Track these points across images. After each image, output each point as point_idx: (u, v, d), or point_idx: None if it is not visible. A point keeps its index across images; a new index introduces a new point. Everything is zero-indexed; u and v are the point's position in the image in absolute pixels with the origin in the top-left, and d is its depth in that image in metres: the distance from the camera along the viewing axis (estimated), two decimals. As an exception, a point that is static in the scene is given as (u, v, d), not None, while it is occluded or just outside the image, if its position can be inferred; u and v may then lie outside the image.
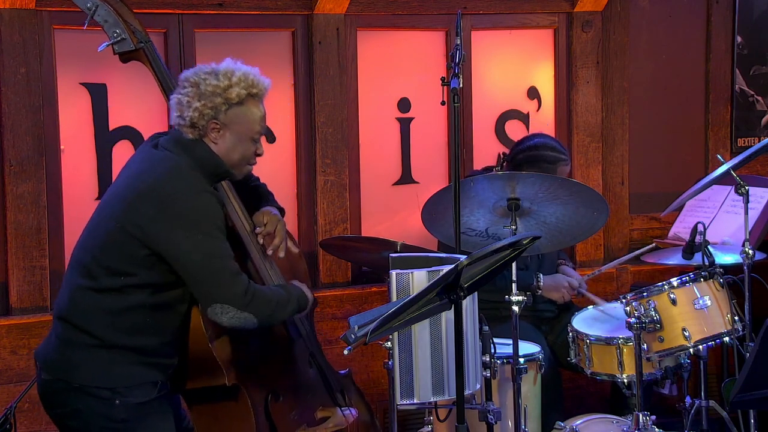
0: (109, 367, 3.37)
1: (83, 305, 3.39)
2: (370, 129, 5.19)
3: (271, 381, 3.66)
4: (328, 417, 3.79)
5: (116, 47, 3.69)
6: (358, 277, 5.14)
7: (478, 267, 2.91)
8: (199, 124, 3.42)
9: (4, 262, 4.52)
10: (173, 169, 3.38)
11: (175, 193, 3.33)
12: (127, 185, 3.42)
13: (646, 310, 4.00)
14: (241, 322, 3.37)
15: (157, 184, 3.35)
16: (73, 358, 3.39)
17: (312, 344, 3.89)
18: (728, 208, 5.18)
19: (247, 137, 3.47)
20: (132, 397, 3.37)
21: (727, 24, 5.75)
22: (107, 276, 3.36)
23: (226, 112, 3.42)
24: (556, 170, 4.64)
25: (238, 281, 3.37)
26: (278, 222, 3.68)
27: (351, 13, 5.03)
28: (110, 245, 3.37)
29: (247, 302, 3.35)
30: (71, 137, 4.65)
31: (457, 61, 3.49)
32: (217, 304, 3.33)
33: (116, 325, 3.37)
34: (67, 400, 3.39)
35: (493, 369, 3.74)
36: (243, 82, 3.43)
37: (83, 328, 3.38)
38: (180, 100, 3.44)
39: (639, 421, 3.96)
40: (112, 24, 3.67)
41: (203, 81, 3.42)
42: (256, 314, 3.38)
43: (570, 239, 4.13)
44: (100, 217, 3.46)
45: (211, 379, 3.52)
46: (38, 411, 4.47)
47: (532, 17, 5.42)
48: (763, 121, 5.88)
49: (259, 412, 3.58)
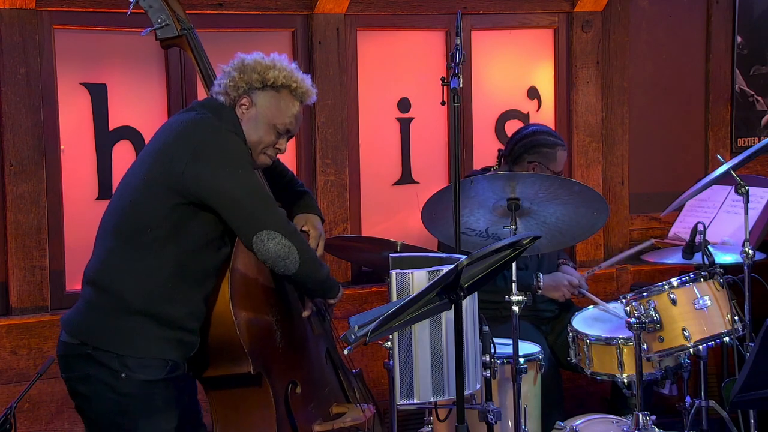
0: (126, 334, 3.37)
1: (113, 266, 3.41)
2: (370, 129, 5.19)
3: (293, 371, 3.67)
4: (344, 413, 3.80)
5: (159, 33, 3.71)
6: (358, 277, 5.14)
7: (478, 267, 2.91)
8: (232, 95, 3.49)
9: (4, 262, 4.52)
10: (200, 120, 3.44)
11: (206, 136, 3.38)
12: (156, 142, 3.48)
13: (646, 310, 4.00)
14: (285, 251, 3.38)
15: (185, 131, 3.41)
16: (93, 320, 3.40)
17: (329, 341, 3.91)
18: (728, 208, 5.18)
19: (271, 124, 3.50)
20: (140, 372, 3.36)
21: (727, 24, 5.76)
22: (135, 232, 3.39)
23: (260, 91, 3.49)
24: (556, 154, 4.66)
25: (281, 211, 3.47)
26: (320, 237, 3.75)
27: (351, 13, 5.03)
28: (139, 201, 3.40)
29: (291, 230, 3.42)
30: (71, 137, 4.65)
31: (457, 61, 3.49)
32: (263, 231, 3.36)
33: (143, 287, 3.37)
34: (79, 364, 3.40)
35: (493, 369, 3.74)
36: (286, 71, 3.51)
37: (110, 290, 3.39)
38: (224, 70, 3.54)
39: (639, 421, 3.96)
40: (157, 9, 3.69)
41: (251, 58, 3.51)
42: (299, 249, 3.41)
43: (570, 239, 4.13)
44: (127, 180, 3.49)
45: (235, 367, 3.50)
46: (38, 411, 4.48)
47: (532, 17, 5.42)
48: (763, 121, 5.88)
49: (279, 402, 3.58)
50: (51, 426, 4.52)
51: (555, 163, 4.65)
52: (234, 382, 3.56)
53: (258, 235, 3.37)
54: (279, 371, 3.61)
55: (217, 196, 3.36)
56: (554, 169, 4.64)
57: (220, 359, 3.54)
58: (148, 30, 3.72)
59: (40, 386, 4.27)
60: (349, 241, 4.41)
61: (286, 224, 3.43)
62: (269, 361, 3.56)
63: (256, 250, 3.39)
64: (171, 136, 3.43)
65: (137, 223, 3.39)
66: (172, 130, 3.46)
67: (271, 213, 3.41)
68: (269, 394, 3.55)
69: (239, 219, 3.39)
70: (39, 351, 4.49)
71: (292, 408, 3.62)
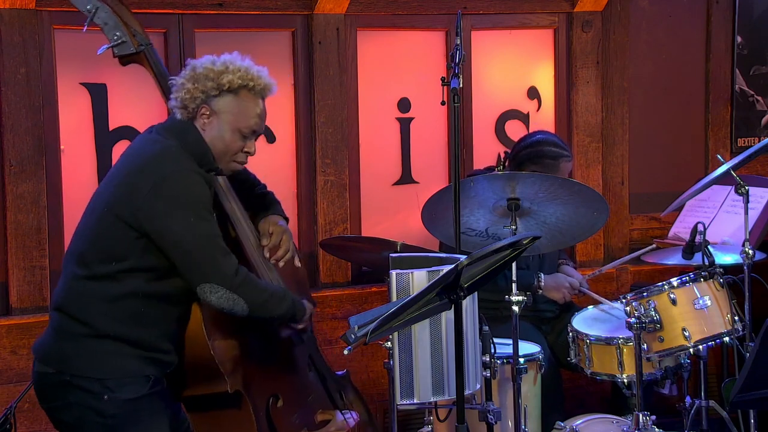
0: (101, 357, 3.34)
1: (79, 294, 3.38)
2: (370, 129, 5.19)
3: (272, 385, 3.63)
4: (329, 420, 3.78)
5: (116, 50, 3.66)
6: (358, 277, 5.14)
7: (478, 267, 2.91)
8: (190, 107, 3.41)
9: (4, 262, 4.52)
10: (163, 151, 3.37)
11: (166, 174, 3.30)
12: (118, 171, 3.43)
13: (646, 310, 4.00)
14: (230, 303, 3.33)
15: (147, 165, 3.34)
16: (66, 348, 3.37)
17: (311, 347, 3.87)
18: (728, 208, 5.18)
19: (235, 129, 3.42)
20: (121, 392, 3.33)
21: (727, 24, 5.75)
22: (100, 262, 3.34)
23: (217, 98, 3.40)
24: (559, 166, 4.64)
25: (228, 262, 3.35)
26: (284, 232, 3.69)
27: (351, 13, 5.03)
28: (102, 231, 3.35)
29: (237, 284, 3.33)
30: (71, 137, 4.65)
31: (457, 61, 3.49)
32: (206, 283, 3.30)
33: (111, 313, 3.34)
34: (59, 393, 3.37)
35: (493, 369, 3.74)
36: (240, 72, 3.41)
37: (78, 317, 3.36)
38: (177, 81, 3.45)
39: (639, 421, 3.96)
40: (113, 26, 3.63)
41: (200, 65, 3.43)
42: (246, 299, 3.34)
43: (570, 239, 4.13)
44: (93, 205, 3.45)
45: (212, 386, 3.47)
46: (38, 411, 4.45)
47: (532, 17, 5.42)
48: (763, 121, 5.88)
49: (260, 417, 3.54)
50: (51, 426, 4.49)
51: (557, 174, 4.63)
52: (213, 402, 3.52)
53: (201, 287, 3.31)
54: (258, 387, 3.56)
55: (166, 242, 3.30)
56: None
57: (197, 379, 3.51)
58: (105, 48, 3.66)
59: (40, 386, 4.27)
60: (349, 241, 4.41)
61: (231, 277, 3.33)
62: (247, 378, 3.51)
63: (201, 298, 3.35)
64: (133, 169, 3.36)
65: (101, 254, 3.35)
66: (136, 161, 3.39)
67: (217, 266, 3.32)
68: (249, 410, 3.50)
69: (184, 266, 3.33)
70: (39, 351, 4.48)
71: (275, 422, 3.58)
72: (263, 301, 3.42)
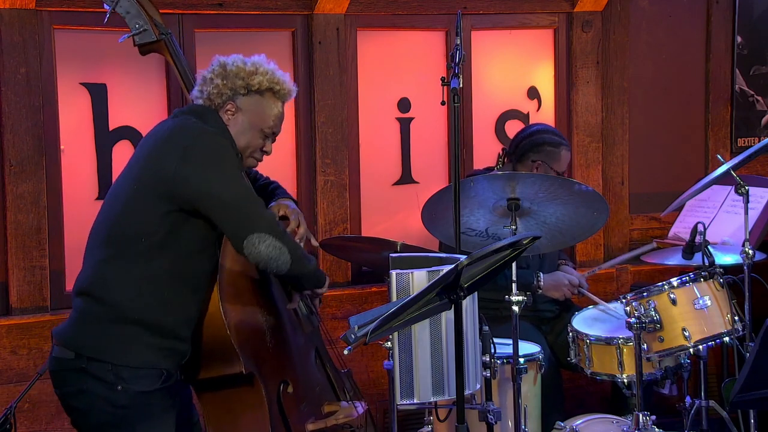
0: (120, 343, 3.36)
1: (106, 276, 3.40)
2: (370, 129, 5.19)
3: (284, 371, 3.67)
4: (335, 411, 3.80)
5: (137, 38, 3.73)
6: (358, 277, 5.14)
7: (478, 267, 2.91)
8: (216, 102, 3.50)
9: (4, 262, 4.52)
10: (184, 122, 3.46)
11: (194, 139, 3.38)
12: (142, 150, 3.49)
13: (646, 310, 4.00)
14: (277, 252, 3.38)
15: (173, 136, 3.41)
16: (87, 331, 3.39)
17: (317, 341, 3.91)
18: (728, 208, 5.18)
19: (258, 128, 3.53)
20: (134, 384, 3.36)
21: (727, 24, 5.76)
22: (128, 241, 3.38)
23: (244, 96, 3.50)
24: (560, 154, 4.66)
25: (269, 212, 3.48)
26: (299, 213, 3.74)
27: (351, 13, 5.03)
28: (131, 209, 3.40)
29: (281, 232, 3.41)
30: (71, 137, 4.65)
31: (457, 61, 3.49)
32: (254, 233, 3.35)
33: (137, 296, 3.37)
34: (73, 379, 3.39)
35: (493, 369, 3.74)
36: (269, 74, 3.52)
37: (104, 300, 3.38)
38: (204, 76, 3.53)
39: (639, 421, 3.96)
40: (134, 15, 3.70)
41: (231, 63, 3.51)
42: (290, 249, 3.41)
43: (570, 239, 4.13)
44: (118, 189, 3.49)
45: (227, 367, 3.51)
46: (38, 411, 4.48)
47: (532, 17, 5.42)
48: (763, 121, 5.88)
49: (272, 402, 3.58)
50: (51, 426, 4.52)
51: (559, 162, 4.65)
52: (226, 384, 3.56)
53: (249, 238, 3.36)
54: (270, 371, 3.61)
55: (207, 199, 3.36)
56: (558, 169, 4.64)
57: (212, 361, 3.55)
58: (126, 36, 3.73)
59: (40, 386, 4.26)
60: (349, 241, 4.41)
61: (275, 226, 3.42)
62: (260, 361, 3.56)
63: (248, 253, 3.38)
64: (159, 142, 3.43)
65: (130, 233, 3.38)
66: (158, 136, 3.46)
67: (261, 216, 3.40)
68: (261, 394, 3.55)
69: (230, 222, 3.38)
70: (39, 351, 4.48)
71: (285, 408, 3.62)
72: (301, 254, 3.50)
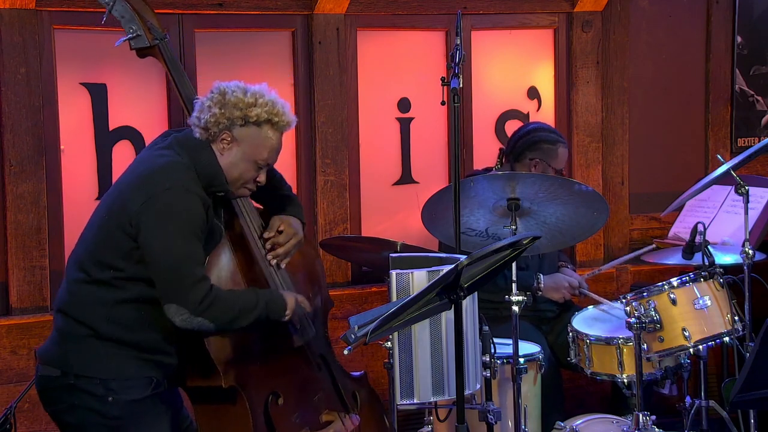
0: (104, 359, 3.38)
1: (80, 297, 3.42)
2: (370, 129, 5.19)
3: (272, 383, 3.64)
4: (332, 421, 3.78)
5: (132, 43, 3.75)
6: (358, 277, 5.14)
7: (478, 267, 2.91)
8: (212, 130, 3.46)
9: (4, 262, 4.52)
10: (169, 165, 3.42)
11: (161, 189, 3.34)
12: (124, 179, 3.50)
13: (646, 310, 4.00)
14: (194, 325, 3.36)
15: (148, 177, 3.39)
16: (70, 349, 3.41)
17: (323, 347, 3.86)
18: (728, 208, 5.18)
19: (252, 159, 3.48)
20: (125, 394, 3.37)
21: (727, 24, 5.75)
22: (98, 269, 3.40)
23: (241, 127, 3.45)
24: (557, 151, 4.66)
25: (199, 288, 3.35)
26: (293, 235, 3.68)
27: (351, 13, 5.03)
28: (102, 238, 3.41)
29: (202, 309, 3.34)
30: (71, 137, 4.65)
31: (457, 61, 3.50)
32: (173, 304, 3.33)
33: (111, 318, 3.39)
34: (63, 396, 3.40)
35: (493, 369, 3.74)
36: (268, 106, 3.46)
37: (80, 319, 3.40)
38: (203, 103, 3.49)
39: (639, 421, 3.96)
40: (129, 20, 3.72)
41: (231, 92, 3.46)
42: (212, 320, 3.37)
43: (570, 239, 4.13)
44: (98, 211, 3.51)
45: (208, 380, 3.51)
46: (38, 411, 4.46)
47: (532, 17, 5.42)
48: (763, 121, 5.88)
49: (257, 414, 3.55)
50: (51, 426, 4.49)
51: (556, 159, 4.65)
52: (211, 394, 3.55)
53: (168, 306, 3.34)
54: (256, 384, 3.58)
55: (146, 253, 3.34)
56: (555, 166, 4.64)
57: (196, 372, 3.55)
58: (122, 40, 3.75)
59: (40, 386, 4.27)
60: (349, 241, 4.41)
61: (196, 304, 3.32)
62: (244, 375, 3.54)
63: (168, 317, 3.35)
64: (136, 179, 3.41)
65: (100, 263, 3.40)
66: (141, 170, 3.44)
67: (187, 290, 3.33)
68: (245, 407, 3.53)
69: (157, 282, 3.36)
70: (39, 351, 4.49)
71: (273, 420, 3.59)
72: (231, 319, 3.42)
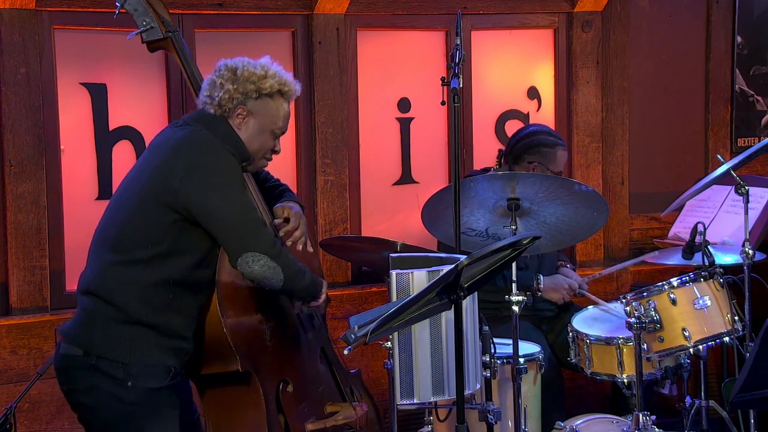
0: (129, 342, 3.40)
1: (113, 279, 3.44)
2: (370, 129, 5.19)
3: (283, 370, 3.68)
4: (337, 411, 3.81)
5: (145, 36, 3.77)
6: (358, 277, 5.14)
7: (478, 267, 2.91)
8: (227, 107, 3.52)
9: (4, 262, 4.52)
10: (195, 134, 3.48)
11: (201, 154, 3.43)
12: (150, 157, 3.52)
13: (646, 310, 4.00)
14: (270, 272, 3.42)
15: (181, 148, 3.45)
16: (95, 330, 3.42)
17: (324, 339, 3.92)
18: (728, 208, 5.18)
19: (269, 130, 3.57)
20: (144, 381, 3.39)
21: (727, 24, 5.76)
22: (137, 248, 3.42)
23: (256, 100, 3.53)
24: (555, 154, 4.66)
25: (267, 231, 3.51)
26: (300, 217, 3.76)
27: (351, 13, 5.03)
28: (140, 216, 3.43)
29: (276, 252, 3.44)
30: (71, 137, 4.65)
31: (457, 61, 3.50)
32: (249, 252, 3.40)
33: (144, 299, 3.41)
34: (82, 376, 3.41)
35: (493, 369, 3.74)
36: (277, 77, 3.55)
37: (111, 301, 3.42)
38: (213, 81, 3.55)
39: (639, 421, 3.96)
40: (142, 13, 3.75)
41: (241, 66, 3.53)
42: (284, 268, 3.45)
43: (570, 239, 4.13)
44: (125, 193, 3.52)
45: (225, 365, 3.54)
46: (38, 411, 4.48)
47: (532, 17, 5.42)
48: (763, 121, 5.88)
49: (270, 401, 3.60)
50: (51, 426, 4.52)
51: (555, 162, 4.65)
52: (225, 381, 3.59)
53: (243, 256, 3.41)
54: (269, 370, 3.62)
55: (207, 215, 3.41)
56: (554, 169, 4.64)
57: (211, 357, 3.58)
58: (134, 33, 3.79)
59: (40, 386, 4.27)
60: (349, 241, 4.41)
61: (271, 246, 3.45)
62: (258, 360, 3.59)
63: (242, 270, 3.43)
64: (168, 152, 3.46)
65: (136, 240, 3.43)
66: (167, 146, 3.49)
67: (257, 235, 3.44)
68: (259, 392, 3.57)
69: (227, 240, 3.43)
70: (39, 351, 4.49)
71: (284, 407, 3.64)
72: (296, 272, 3.52)
